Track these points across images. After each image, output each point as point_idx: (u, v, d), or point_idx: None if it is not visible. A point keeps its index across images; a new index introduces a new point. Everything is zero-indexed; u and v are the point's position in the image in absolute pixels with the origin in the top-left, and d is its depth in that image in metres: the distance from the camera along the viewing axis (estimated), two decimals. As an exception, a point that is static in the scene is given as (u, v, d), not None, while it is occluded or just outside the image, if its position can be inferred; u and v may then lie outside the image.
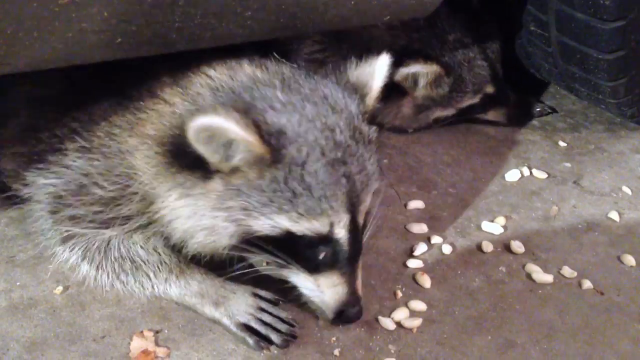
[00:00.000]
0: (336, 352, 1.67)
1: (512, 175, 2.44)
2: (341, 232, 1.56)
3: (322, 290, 1.63)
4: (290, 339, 1.68)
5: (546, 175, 2.45)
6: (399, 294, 1.86)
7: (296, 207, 1.49)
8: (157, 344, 1.64)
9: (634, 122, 2.74)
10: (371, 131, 1.65)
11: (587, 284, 1.93)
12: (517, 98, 2.75)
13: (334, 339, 1.70)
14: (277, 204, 1.49)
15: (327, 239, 1.56)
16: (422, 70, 2.44)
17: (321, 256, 1.58)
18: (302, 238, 1.54)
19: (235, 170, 1.49)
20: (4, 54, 1.30)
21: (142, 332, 1.66)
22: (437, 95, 2.55)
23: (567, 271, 1.98)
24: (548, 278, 1.94)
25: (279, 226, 1.51)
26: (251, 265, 1.72)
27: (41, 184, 1.74)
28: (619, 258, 2.05)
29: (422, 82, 2.48)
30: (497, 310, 1.83)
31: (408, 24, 2.47)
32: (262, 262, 1.70)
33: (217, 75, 1.63)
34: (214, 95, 1.58)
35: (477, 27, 2.58)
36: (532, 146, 2.66)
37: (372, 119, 1.82)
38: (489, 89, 2.63)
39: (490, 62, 2.60)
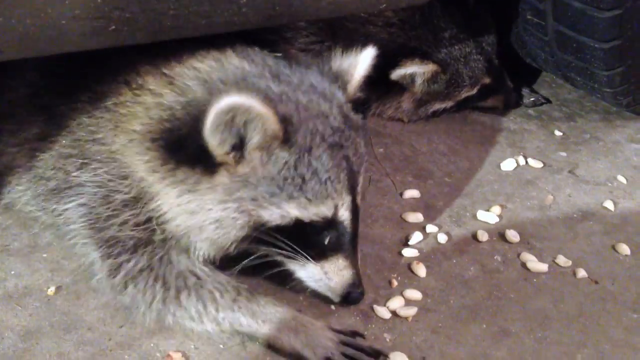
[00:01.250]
0: (331, 340, 1.67)
1: (508, 164, 2.44)
2: (345, 214, 1.58)
3: (330, 277, 1.63)
4: None
5: (542, 165, 2.45)
6: (395, 283, 1.86)
7: (305, 192, 1.50)
8: None
9: (629, 111, 2.74)
10: (358, 118, 1.69)
11: (581, 273, 1.94)
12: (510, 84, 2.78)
13: (329, 327, 1.71)
14: (286, 192, 1.50)
15: (331, 223, 1.57)
16: (418, 70, 2.47)
17: (326, 241, 1.59)
18: (309, 225, 1.55)
19: (240, 160, 1.48)
20: (-3, 42, 1.29)
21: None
22: (435, 91, 2.56)
23: (561, 260, 1.98)
24: (543, 267, 1.95)
25: (288, 215, 1.52)
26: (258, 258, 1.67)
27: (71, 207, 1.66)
28: (613, 247, 2.06)
29: (419, 80, 2.50)
30: (492, 299, 1.84)
31: (405, 21, 2.48)
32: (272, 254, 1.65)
33: (204, 66, 1.61)
34: (203, 86, 1.55)
35: (472, 21, 2.60)
36: (528, 135, 2.66)
37: (364, 108, 1.85)
38: (486, 80, 2.64)
39: (486, 54, 2.62)
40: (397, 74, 2.45)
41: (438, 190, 2.29)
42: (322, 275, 1.64)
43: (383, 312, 1.76)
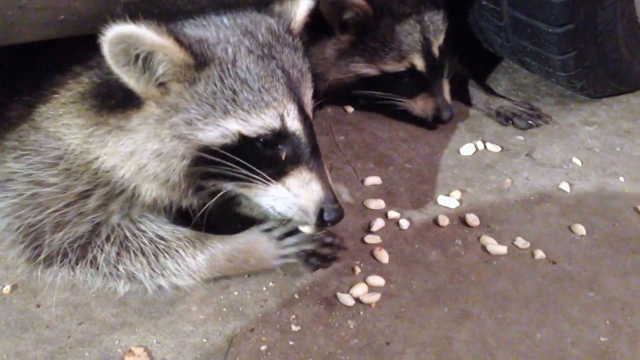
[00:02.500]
0: (295, 328, 1.67)
1: (467, 149, 2.47)
2: (294, 124, 1.55)
3: (296, 192, 1.58)
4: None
5: (500, 149, 2.49)
6: (357, 269, 1.87)
7: (240, 104, 1.48)
8: (151, 357, 1.57)
9: (583, 95, 2.80)
10: (297, 40, 1.66)
11: (539, 254, 1.98)
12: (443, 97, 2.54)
13: (293, 316, 1.71)
14: (220, 107, 1.48)
15: (282, 135, 1.54)
16: None
17: (283, 155, 1.56)
18: (257, 140, 1.52)
19: (167, 90, 1.46)
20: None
21: (131, 350, 1.58)
22: (361, 44, 2.40)
23: (520, 242, 2.02)
24: (502, 249, 1.98)
25: (229, 131, 1.49)
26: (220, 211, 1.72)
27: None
28: (569, 228, 2.11)
29: (347, 15, 2.33)
30: (453, 283, 1.86)
31: None
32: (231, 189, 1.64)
33: None
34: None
35: None
36: (486, 120, 2.69)
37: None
38: (417, 62, 2.43)
39: (423, 32, 2.42)
40: None
41: (399, 176, 2.30)
42: (287, 193, 1.58)
43: (346, 299, 1.76)
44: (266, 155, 1.54)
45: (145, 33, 1.35)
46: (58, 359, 1.55)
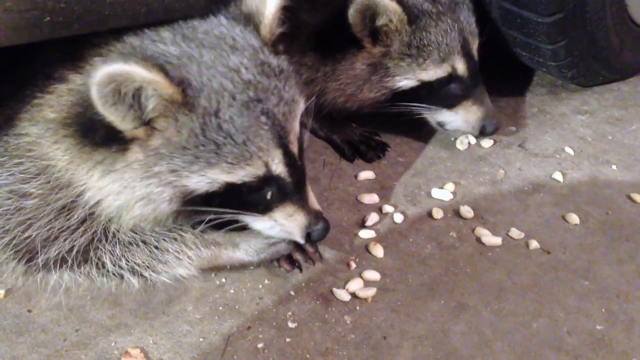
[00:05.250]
0: (292, 325, 1.67)
1: (460, 141, 2.47)
2: (279, 168, 1.55)
3: (282, 223, 1.64)
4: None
5: (492, 140, 2.49)
6: (353, 265, 1.87)
7: (224, 157, 1.46)
8: (147, 358, 1.57)
9: (574, 84, 2.80)
10: (280, 61, 1.60)
11: (534, 244, 1.98)
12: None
13: (289, 313, 1.70)
14: (203, 159, 1.46)
15: (268, 179, 1.55)
16: (380, 3, 2.04)
17: (268, 196, 1.59)
18: (244, 186, 1.53)
19: (151, 132, 1.44)
20: None
21: (127, 351, 1.57)
22: (396, 52, 2.16)
23: (514, 233, 2.02)
24: (497, 240, 1.98)
25: (216, 180, 1.49)
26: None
27: None
28: (563, 217, 2.11)
29: (379, 22, 2.09)
30: (448, 275, 1.86)
31: None
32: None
33: (105, 42, 1.54)
34: (103, 62, 1.46)
35: None
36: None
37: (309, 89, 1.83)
38: (459, 65, 2.22)
39: (462, 32, 2.21)
40: (355, 8, 2.04)
41: (392, 170, 2.30)
42: (274, 223, 1.65)
43: (342, 294, 1.76)
44: (252, 197, 1.58)
45: (134, 70, 1.32)
46: (54, 362, 1.54)
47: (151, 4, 1.47)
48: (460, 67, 2.22)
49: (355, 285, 1.79)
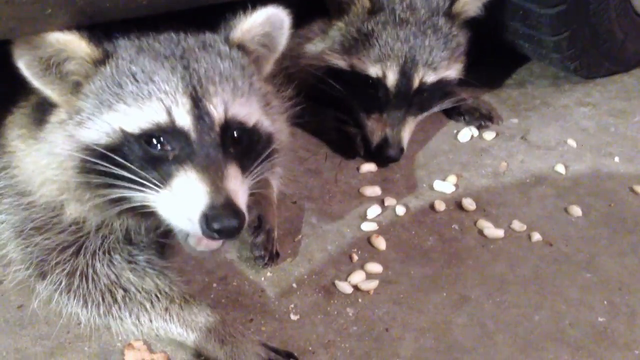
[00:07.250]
0: (294, 317, 1.67)
1: (463, 134, 2.47)
2: (185, 119, 1.39)
3: (180, 197, 1.36)
4: None
5: (494, 133, 2.48)
6: (355, 257, 1.87)
7: (123, 98, 1.41)
8: (150, 350, 1.58)
9: (577, 76, 2.79)
10: (236, 53, 1.56)
11: (536, 237, 1.98)
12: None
13: (291, 305, 1.71)
14: (106, 104, 1.41)
15: (169, 131, 1.39)
16: None
17: (171, 156, 1.39)
18: (141, 138, 1.39)
19: (77, 92, 1.44)
20: None
21: (130, 344, 1.57)
22: (346, 30, 2.23)
23: (517, 225, 2.02)
24: (499, 233, 1.98)
25: (109, 127, 1.40)
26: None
27: None
28: (565, 209, 2.11)
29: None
30: (451, 267, 1.87)
31: None
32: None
33: None
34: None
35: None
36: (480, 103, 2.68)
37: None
38: (390, 75, 2.20)
39: (414, 50, 2.19)
40: None
41: (394, 162, 2.30)
42: (172, 197, 1.37)
43: (345, 287, 1.76)
44: (153, 157, 1.39)
45: (47, 34, 1.36)
46: (58, 354, 1.55)
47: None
48: (391, 77, 2.19)
49: (357, 277, 1.79)
